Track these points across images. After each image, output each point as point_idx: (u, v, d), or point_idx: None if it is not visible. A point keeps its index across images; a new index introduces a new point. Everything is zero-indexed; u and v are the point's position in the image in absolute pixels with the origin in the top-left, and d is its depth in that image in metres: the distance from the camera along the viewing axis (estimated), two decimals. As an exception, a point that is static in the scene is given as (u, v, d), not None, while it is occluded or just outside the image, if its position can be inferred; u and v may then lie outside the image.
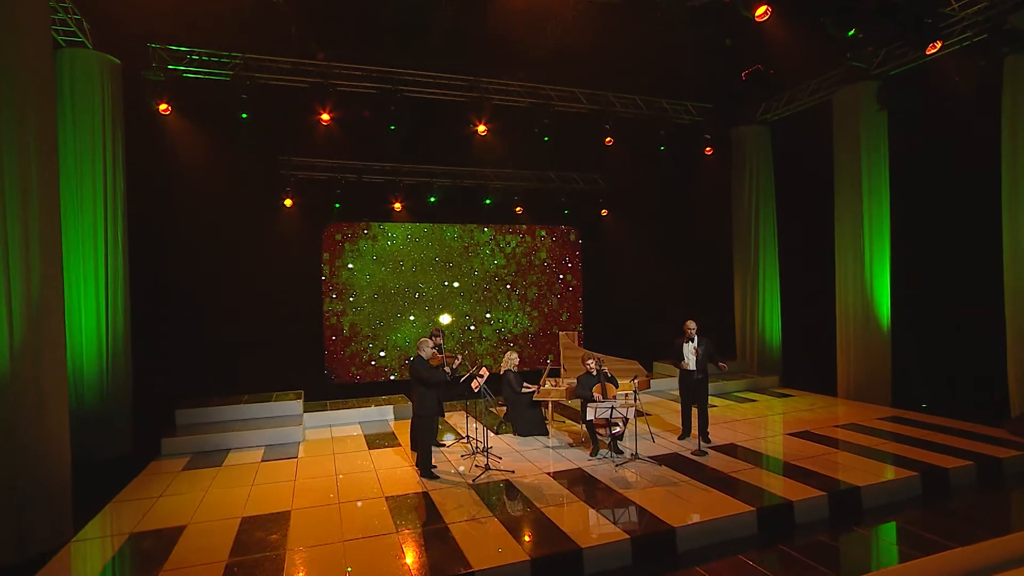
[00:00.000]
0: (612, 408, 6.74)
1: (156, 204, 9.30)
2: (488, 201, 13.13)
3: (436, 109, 10.68)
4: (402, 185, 12.45)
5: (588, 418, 6.96)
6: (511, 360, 8.48)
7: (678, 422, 8.38)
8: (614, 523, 5.28)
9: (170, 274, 9.80)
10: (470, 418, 7.36)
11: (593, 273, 14.18)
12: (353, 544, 5.07)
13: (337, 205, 12.09)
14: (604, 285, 14.04)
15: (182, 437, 7.94)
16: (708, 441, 7.67)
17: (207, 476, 6.93)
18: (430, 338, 7.56)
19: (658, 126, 11.66)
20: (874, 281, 10.10)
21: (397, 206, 12.42)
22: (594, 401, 7.14)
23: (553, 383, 8.43)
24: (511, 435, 8.42)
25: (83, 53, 7.56)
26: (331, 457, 7.67)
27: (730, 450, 7.34)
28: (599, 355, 7.77)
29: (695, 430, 7.82)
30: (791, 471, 6.45)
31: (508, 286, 13.56)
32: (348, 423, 9.41)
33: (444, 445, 7.99)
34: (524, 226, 13.76)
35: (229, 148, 9.93)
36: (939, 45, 7.72)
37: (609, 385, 7.37)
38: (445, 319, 12.74)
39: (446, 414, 9.41)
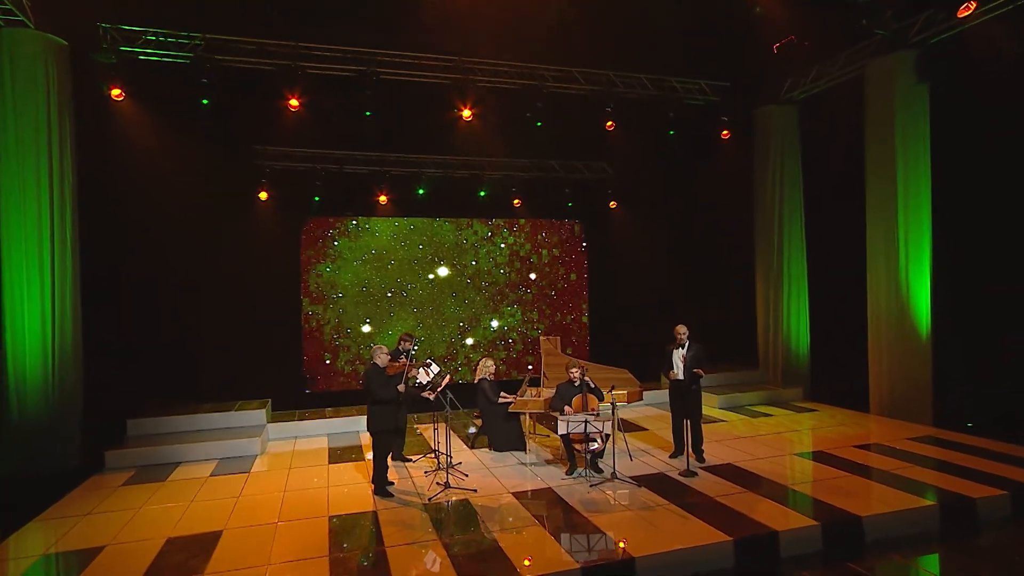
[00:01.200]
0: (586, 422, 6.54)
1: (111, 198, 9.42)
2: (483, 193, 13.04)
3: (421, 93, 10.62)
4: (388, 176, 12.44)
5: (560, 432, 6.78)
6: (486, 368, 8.34)
7: (666, 434, 8.12)
8: (568, 551, 5.10)
9: (129, 274, 9.92)
10: (446, 431, 7.24)
11: (600, 271, 13.95)
12: (277, 568, 5.00)
13: (317, 198, 12.15)
14: (612, 284, 13.79)
15: (129, 449, 8.02)
16: (702, 460, 7.43)
17: (146, 492, 6.96)
18: (399, 343, 7.49)
19: (667, 108, 11.39)
20: (911, 281, 9.64)
21: (382, 199, 12.41)
22: (566, 413, 6.94)
23: (534, 393, 8.26)
24: (487, 450, 8.30)
25: (24, 33, 7.68)
26: (286, 472, 7.66)
27: (725, 471, 7.09)
28: (584, 363, 7.58)
29: (691, 447, 7.57)
30: (787, 497, 6.19)
31: (505, 285, 13.41)
32: (316, 435, 9.41)
33: (410, 460, 7.90)
34: (523, 220, 13.62)
35: (194, 138, 10.04)
36: (973, 7, 7.29)
37: (592, 397, 7.16)
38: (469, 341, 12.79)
39: (418, 426, 9.34)
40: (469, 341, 13.16)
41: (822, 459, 7.45)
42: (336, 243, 12.46)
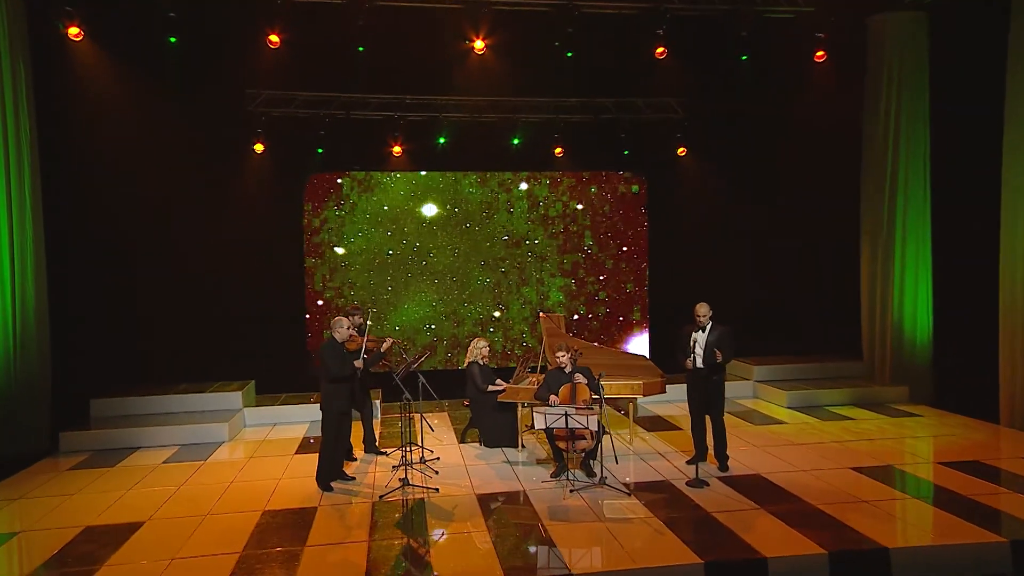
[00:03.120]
0: (566, 415, 6.60)
1: (77, 153, 10.30)
2: (516, 141, 13.09)
3: (435, 20, 10.82)
4: (403, 123, 12.74)
5: (537, 426, 6.89)
6: (478, 349, 8.56)
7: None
8: (500, 562, 5.31)
9: (102, 237, 10.80)
10: (421, 421, 7.63)
11: (664, 235, 13.69)
12: (180, 563, 5.56)
13: (320, 150, 12.65)
14: (677, 250, 13.49)
15: (85, 431, 9.00)
16: (725, 468, 7.38)
17: (89, 478, 7.80)
18: (346, 316, 7.83)
19: (739, 25, 10.94)
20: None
21: (396, 150, 12.75)
22: (550, 404, 7.04)
23: (533, 381, 8.39)
24: (478, 444, 8.63)
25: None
26: (244, 461, 8.37)
27: (746, 483, 7.06)
28: (578, 345, 7.62)
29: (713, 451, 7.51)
30: (805, 518, 6.10)
31: (544, 253, 13.48)
32: (297, 421, 10.05)
33: (384, 454, 8.30)
34: (566, 173, 13.56)
35: (172, 82, 10.75)
36: None
37: (581, 386, 7.21)
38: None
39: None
40: (496, 314, 13.37)
41: (884, 477, 7.21)
42: (343, 203, 12.96)
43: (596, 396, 7.20)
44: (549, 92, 12.84)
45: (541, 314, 9.08)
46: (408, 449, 7.94)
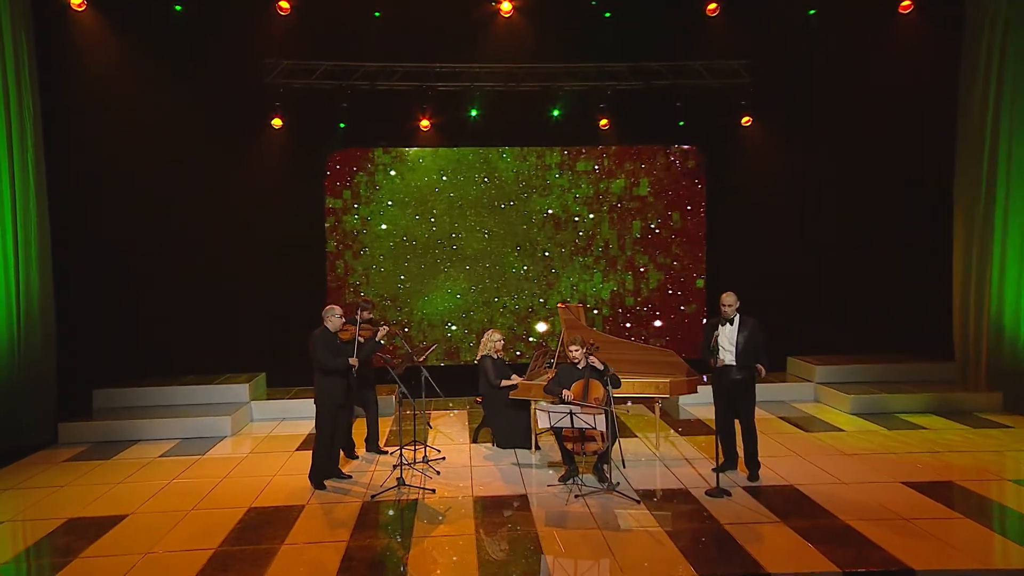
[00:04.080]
0: (571, 413, 6.78)
1: (82, 131, 11.01)
2: (557, 112, 13.23)
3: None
4: (432, 93, 13.06)
5: (541, 425, 7.09)
6: (492, 342, 8.79)
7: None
8: (477, 570, 5.56)
9: (112, 219, 11.53)
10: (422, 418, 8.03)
11: (723, 216, 13.59)
12: (153, 557, 6.05)
13: (342, 125, 13.10)
14: (740, 235, 13.38)
15: (85, 423, 9.72)
16: (755, 478, 7.45)
17: (82, 470, 8.46)
18: (357, 312, 8.19)
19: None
20: None
21: (425, 124, 13.08)
22: (561, 401, 7.22)
23: (551, 376, 8.57)
24: (490, 444, 8.95)
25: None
26: (242, 457, 8.90)
27: (776, 494, 7.13)
28: (599, 338, 7.77)
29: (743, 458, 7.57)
30: (830, 533, 6.14)
31: (588, 236, 13.60)
32: (306, 416, 10.33)
33: (385, 452, 8.66)
34: (614, 148, 13.63)
35: (182, 54, 11.39)
36: None
37: (594, 383, 7.36)
38: (541, 327, 13.41)
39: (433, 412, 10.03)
40: (541, 327, 13.58)
41: (941, 493, 7.13)
42: (366, 182, 13.39)
43: (632, 394, 7.35)
44: (594, 56, 12.91)
45: (559, 305, 9.26)
46: (412, 448, 8.34)
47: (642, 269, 13.71)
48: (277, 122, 12.75)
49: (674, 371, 8.26)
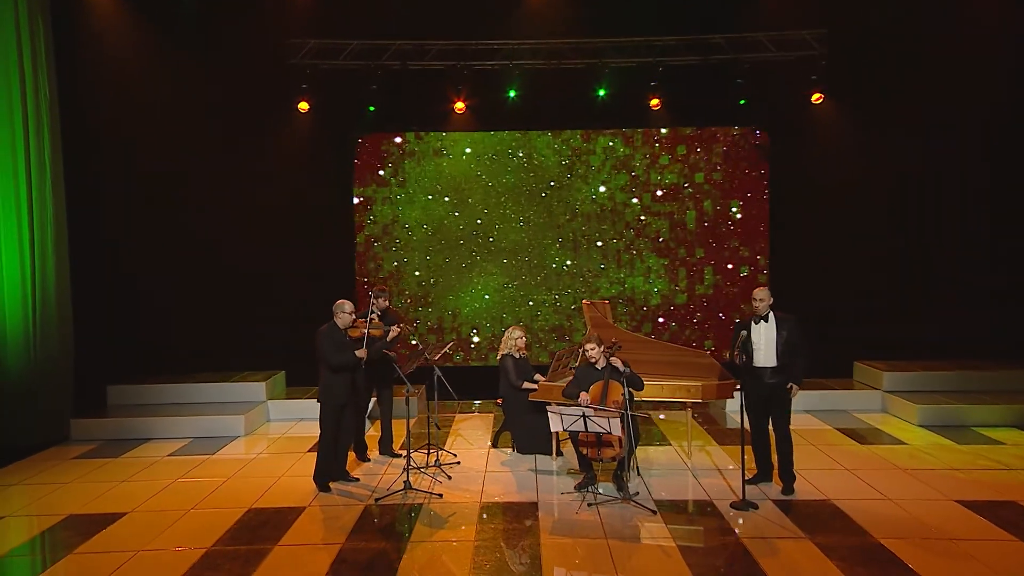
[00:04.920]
0: (584, 416, 7.01)
1: (100, 118, 11.68)
2: (602, 92, 13.37)
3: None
4: (467, 73, 13.38)
5: (553, 428, 7.34)
6: (513, 340, 9.06)
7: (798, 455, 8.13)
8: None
9: (131, 210, 12.20)
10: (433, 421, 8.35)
11: (789, 205, 13.56)
12: (146, 555, 6.51)
13: (372, 108, 13.52)
14: (807, 226, 13.34)
15: (97, 420, 10.39)
16: (790, 491, 7.53)
17: (90, 468, 9.08)
18: (373, 299, 8.58)
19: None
20: None
21: (459, 106, 13.37)
22: (580, 404, 7.44)
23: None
24: (510, 449, 9.27)
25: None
26: (252, 457, 9.40)
27: (808, 508, 7.24)
28: (624, 337, 7.98)
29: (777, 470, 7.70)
30: (858, 552, 6.24)
31: (637, 227, 13.75)
32: (322, 418, 10.97)
33: (399, 456, 9.01)
34: (665, 130, 13.74)
35: (202, 34, 11.97)
36: None
37: (614, 385, 7.56)
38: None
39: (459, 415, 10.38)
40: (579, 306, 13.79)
41: (999, 513, 7.08)
42: (398, 169, 13.81)
43: (652, 397, 7.54)
44: (644, 30, 13.02)
45: (584, 301, 9.47)
46: (425, 451, 8.70)
47: (696, 264, 13.80)
48: (304, 106, 13.17)
49: (707, 374, 8.39)
